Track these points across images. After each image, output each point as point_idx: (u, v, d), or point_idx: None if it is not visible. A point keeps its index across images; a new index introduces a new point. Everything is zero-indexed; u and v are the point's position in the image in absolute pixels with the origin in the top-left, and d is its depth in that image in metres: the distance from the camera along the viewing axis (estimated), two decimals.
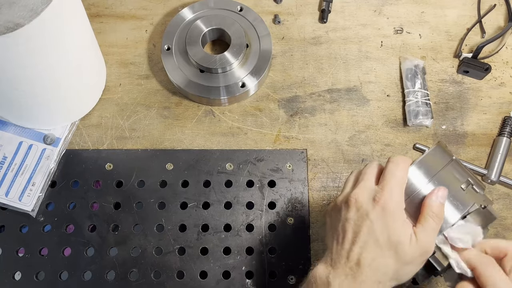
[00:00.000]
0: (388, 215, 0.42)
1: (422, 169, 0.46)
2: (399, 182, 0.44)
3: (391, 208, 0.42)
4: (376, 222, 0.42)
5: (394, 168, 0.44)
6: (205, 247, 0.61)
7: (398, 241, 0.42)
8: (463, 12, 0.74)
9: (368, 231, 0.42)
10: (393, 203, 0.42)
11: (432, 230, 0.43)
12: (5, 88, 0.55)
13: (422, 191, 0.45)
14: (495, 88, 0.69)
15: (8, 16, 0.46)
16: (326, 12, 0.73)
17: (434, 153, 0.48)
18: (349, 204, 0.44)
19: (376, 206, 0.42)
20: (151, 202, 0.63)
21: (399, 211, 0.43)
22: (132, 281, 0.59)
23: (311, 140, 0.66)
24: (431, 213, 0.43)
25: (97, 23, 0.73)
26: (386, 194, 0.42)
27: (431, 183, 0.46)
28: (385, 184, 0.43)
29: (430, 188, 0.45)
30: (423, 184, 0.46)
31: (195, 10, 0.71)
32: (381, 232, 0.42)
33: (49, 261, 0.60)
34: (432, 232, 0.43)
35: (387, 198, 0.42)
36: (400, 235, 0.42)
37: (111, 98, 0.69)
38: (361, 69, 0.71)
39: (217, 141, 0.66)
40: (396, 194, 0.43)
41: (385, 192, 0.43)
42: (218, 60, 0.66)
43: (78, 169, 0.64)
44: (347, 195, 0.45)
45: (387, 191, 0.43)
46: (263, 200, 0.63)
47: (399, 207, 0.43)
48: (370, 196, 0.43)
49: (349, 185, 0.47)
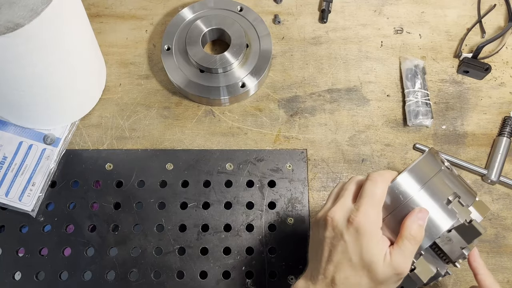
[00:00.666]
0: (362, 236, 0.42)
1: (410, 179, 0.45)
2: (374, 202, 0.43)
3: (365, 229, 0.42)
4: (349, 243, 0.42)
5: (371, 187, 0.44)
6: (205, 247, 0.61)
7: (371, 261, 0.42)
8: (463, 12, 0.74)
9: (342, 251, 0.43)
10: (367, 224, 0.42)
11: (409, 252, 0.43)
12: (5, 88, 0.55)
13: (409, 201, 0.44)
14: (495, 88, 0.70)
15: (8, 16, 0.46)
16: (326, 12, 0.73)
17: (425, 161, 0.46)
18: (326, 223, 0.45)
19: (350, 227, 0.43)
20: (151, 202, 0.63)
21: (373, 232, 0.43)
22: (132, 281, 0.59)
23: (311, 140, 0.66)
24: (408, 235, 0.43)
25: (97, 23, 0.73)
26: (360, 214, 0.42)
27: (414, 198, 0.45)
28: (360, 204, 0.43)
29: (421, 196, 0.44)
30: (412, 193, 0.45)
31: (195, 10, 0.71)
32: (354, 253, 0.42)
33: (49, 261, 0.60)
34: (408, 254, 0.43)
35: (361, 219, 0.42)
36: (373, 255, 0.42)
37: (111, 98, 0.69)
38: (361, 69, 0.71)
39: (217, 141, 0.66)
40: (371, 214, 0.43)
41: (359, 213, 0.43)
42: (218, 60, 0.66)
43: (78, 169, 0.64)
44: (325, 212, 0.46)
45: (362, 211, 0.43)
46: (263, 200, 0.63)
47: (374, 227, 0.43)
48: (346, 216, 0.43)
49: (330, 201, 0.48)
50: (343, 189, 0.47)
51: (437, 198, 0.45)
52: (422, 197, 0.45)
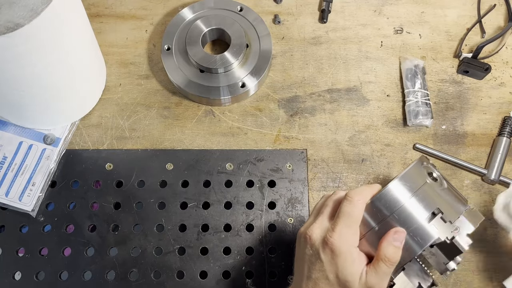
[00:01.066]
0: (337, 256, 0.43)
1: (393, 193, 0.44)
2: (350, 222, 0.44)
3: (340, 250, 0.43)
4: (325, 262, 0.43)
5: (347, 207, 0.44)
6: (205, 247, 0.61)
7: (346, 280, 0.43)
8: (463, 12, 0.74)
9: (319, 269, 0.44)
10: (341, 244, 0.43)
11: (384, 273, 0.43)
12: (5, 88, 0.55)
13: (390, 218, 0.44)
14: (495, 88, 0.70)
15: (8, 16, 0.46)
16: (326, 12, 0.73)
17: (408, 175, 0.45)
18: (306, 240, 0.46)
19: (326, 247, 0.43)
20: (151, 202, 0.63)
21: (348, 252, 0.43)
22: (132, 281, 0.59)
23: (311, 140, 0.66)
24: (384, 257, 0.43)
25: (97, 23, 0.73)
26: (335, 235, 0.43)
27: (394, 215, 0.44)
28: (336, 224, 0.44)
29: (401, 212, 0.44)
30: (393, 209, 0.44)
31: (195, 10, 0.71)
32: (331, 271, 0.43)
33: (49, 261, 0.60)
34: (383, 276, 0.43)
35: (336, 240, 0.43)
36: (347, 274, 0.43)
37: (111, 98, 0.69)
38: (361, 69, 0.71)
39: (217, 141, 0.66)
40: (346, 234, 0.43)
41: (334, 233, 0.43)
42: (218, 60, 0.66)
43: (78, 169, 0.64)
44: (306, 228, 0.47)
45: (337, 231, 0.43)
46: (263, 200, 0.63)
47: (349, 247, 0.43)
48: (323, 235, 0.44)
49: (312, 216, 0.49)
50: (324, 206, 0.47)
51: (419, 214, 0.44)
52: (402, 213, 0.44)
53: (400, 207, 0.44)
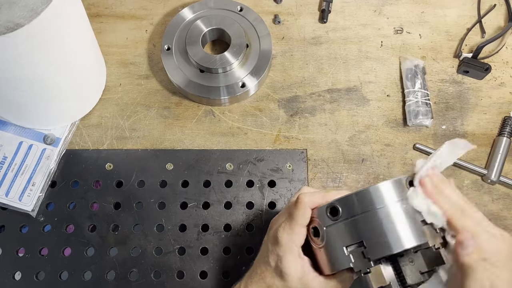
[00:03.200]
0: (278, 247, 0.46)
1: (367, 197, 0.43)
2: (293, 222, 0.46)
3: (281, 242, 0.46)
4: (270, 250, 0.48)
5: (291, 208, 0.47)
6: (205, 247, 0.61)
7: (284, 272, 0.46)
8: (463, 12, 0.74)
9: (266, 255, 0.48)
10: (283, 238, 0.46)
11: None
12: (5, 88, 0.55)
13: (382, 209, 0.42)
14: (495, 88, 0.69)
15: (8, 16, 0.46)
16: (326, 12, 0.73)
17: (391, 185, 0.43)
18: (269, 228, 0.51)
19: (272, 236, 0.48)
20: (151, 202, 0.63)
21: (288, 246, 0.46)
22: (132, 281, 0.59)
23: (311, 140, 0.66)
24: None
25: (97, 23, 0.73)
26: (280, 228, 0.47)
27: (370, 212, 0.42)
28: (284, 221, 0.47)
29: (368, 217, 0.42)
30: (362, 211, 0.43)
31: (195, 10, 0.71)
32: (273, 259, 0.47)
33: (49, 261, 0.60)
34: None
35: (279, 232, 0.47)
36: (285, 267, 0.46)
37: (111, 98, 0.69)
38: (361, 69, 0.71)
39: (217, 141, 0.66)
40: (289, 231, 0.46)
41: (280, 227, 0.47)
42: (218, 60, 0.66)
43: (78, 169, 0.64)
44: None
45: (282, 227, 0.47)
46: (263, 200, 0.63)
47: (291, 242, 0.46)
48: (276, 228, 0.48)
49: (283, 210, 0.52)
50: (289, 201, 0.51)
51: (413, 215, 0.42)
52: (399, 208, 0.42)
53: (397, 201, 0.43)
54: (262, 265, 0.48)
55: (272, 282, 0.47)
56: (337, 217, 0.44)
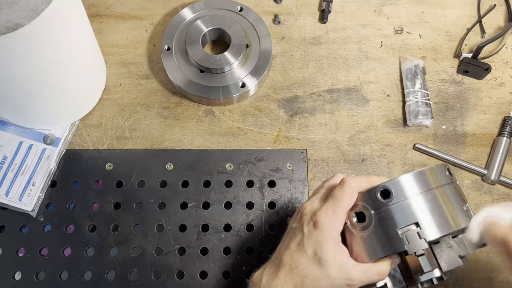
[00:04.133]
0: (318, 232, 0.44)
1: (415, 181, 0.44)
2: (337, 206, 0.44)
3: (322, 226, 0.44)
4: (306, 236, 0.45)
5: (337, 191, 0.45)
6: (205, 247, 0.61)
7: (323, 258, 0.43)
8: (463, 12, 0.74)
9: (300, 242, 0.45)
10: (324, 223, 0.44)
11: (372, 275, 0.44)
12: (5, 88, 0.55)
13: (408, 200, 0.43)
14: (495, 88, 0.69)
15: (8, 16, 0.46)
16: (326, 12, 0.73)
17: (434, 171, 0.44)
18: (297, 215, 0.48)
19: (310, 222, 0.45)
20: (151, 202, 0.63)
21: (329, 231, 0.44)
22: (132, 281, 0.59)
23: (311, 140, 0.66)
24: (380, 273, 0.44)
25: (97, 23, 0.73)
26: (320, 213, 0.44)
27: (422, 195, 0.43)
28: (324, 204, 0.45)
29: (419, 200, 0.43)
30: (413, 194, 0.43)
31: (195, 10, 0.71)
32: (309, 246, 0.44)
33: (49, 261, 0.60)
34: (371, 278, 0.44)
35: (320, 217, 0.44)
36: (325, 253, 0.43)
37: (111, 98, 0.69)
38: (361, 69, 0.71)
39: (217, 141, 0.66)
40: (331, 216, 0.44)
41: (320, 211, 0.45)
42: (218, 60, 0.66)
43: (78, 169, 0.64)
44: (301, 205, 0.49)
45: (323, 210, 0.45)
46: (263, 200, 0.63)
47: (331, 227, 0.44)
48: (312, 212, 0.46)
49: (310, 196, 0.50)
50: (320, 187, 0.49)
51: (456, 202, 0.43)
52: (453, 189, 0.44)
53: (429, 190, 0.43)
54: (293, 254, 0.45)
55: (307, 271, 0.44)
56: (389, 199, 0.43)
